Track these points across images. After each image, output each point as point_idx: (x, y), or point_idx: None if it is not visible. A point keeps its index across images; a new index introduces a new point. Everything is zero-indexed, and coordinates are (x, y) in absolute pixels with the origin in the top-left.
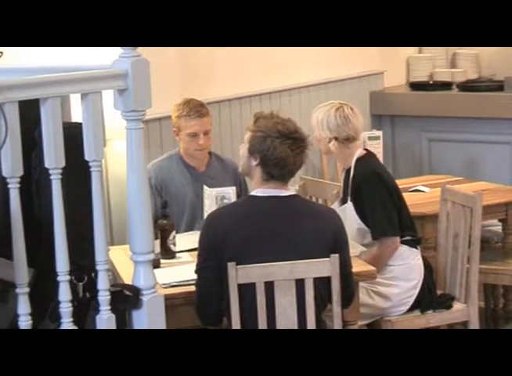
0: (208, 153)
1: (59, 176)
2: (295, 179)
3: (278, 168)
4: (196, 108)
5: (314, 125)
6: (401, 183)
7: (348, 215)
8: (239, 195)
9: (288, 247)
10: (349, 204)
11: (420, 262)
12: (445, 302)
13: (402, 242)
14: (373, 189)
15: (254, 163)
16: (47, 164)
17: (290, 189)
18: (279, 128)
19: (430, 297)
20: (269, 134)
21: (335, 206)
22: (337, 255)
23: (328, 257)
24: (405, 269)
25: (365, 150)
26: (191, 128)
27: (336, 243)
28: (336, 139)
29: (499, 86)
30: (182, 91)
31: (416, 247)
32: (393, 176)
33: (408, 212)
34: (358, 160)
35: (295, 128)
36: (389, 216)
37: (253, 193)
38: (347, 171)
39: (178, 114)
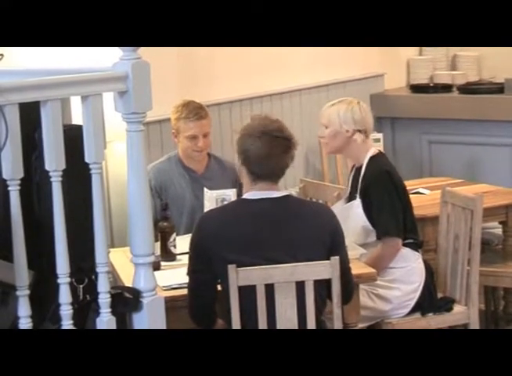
0: (207, 154)
1: (60, 178)
2: (295, 181)
3: (258, 166)
4: (195, 110)
5: (331, 120)
6: None
7: (355, 212)
8: (239, 197)
9: (284, 249)
10: (357, 201)
11: (422, 265)
12: (446, 305)
13: (405, 245)
14: (383, 189)
15: (239, 163)
16: (47, 167)
17: (286, 190)
18: (262, 128)
19: (431, 300)
20: (252, 133)
21: (340, 204)
22: (337, 258)
23: (326, 255)
24: (407, 272)
25: (378, 150)
26: (190, 131)
27: (333, 241)
28: (359, 131)
29: (499, 88)
30: (183, 93)
31: (417, 251)
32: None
33: (412, 215)
34: (371, 158)
35: (279, 127)
36: (396, 217)
37: (244, 196)
38: (357, 169)
39: (177, 116)
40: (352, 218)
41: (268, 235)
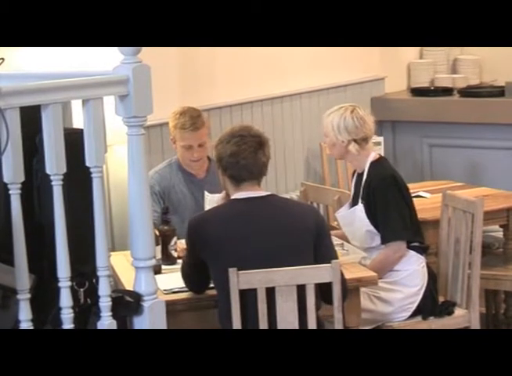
0: (207, 158)
1: (60, 182)
2: (296, 185)
3: (234, 168)
4: (190, 120)
5: (328, 130)
6: None
7: (358, 217)
8: None
9: (273, 236)
10: (360, 206)
11: (425, 269)
12: (447, 309)
13: (410, 248)
14: (389, 193)
15: (221, 174)
16: (48, 170)
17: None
18: (228, 132)
19: (432, 305)
20: (222, 140)
21: (344, 209)
22: (338, 261)
23: (313, 243)
24: (409, 275)
25: (378, 154)
26: (185, 141)
27: (318, 232)
28: (354, 140)
29: (500, 92)
30: (184, 97)
31: (422, 254)
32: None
33: (417, 219)
34: (373, 163)
35: (246, 128)
36: (402, 221)
37: (233, 196)
38: (359, 174)
39: (174, 124)
40: (356, 222)
41: (257, 226)
